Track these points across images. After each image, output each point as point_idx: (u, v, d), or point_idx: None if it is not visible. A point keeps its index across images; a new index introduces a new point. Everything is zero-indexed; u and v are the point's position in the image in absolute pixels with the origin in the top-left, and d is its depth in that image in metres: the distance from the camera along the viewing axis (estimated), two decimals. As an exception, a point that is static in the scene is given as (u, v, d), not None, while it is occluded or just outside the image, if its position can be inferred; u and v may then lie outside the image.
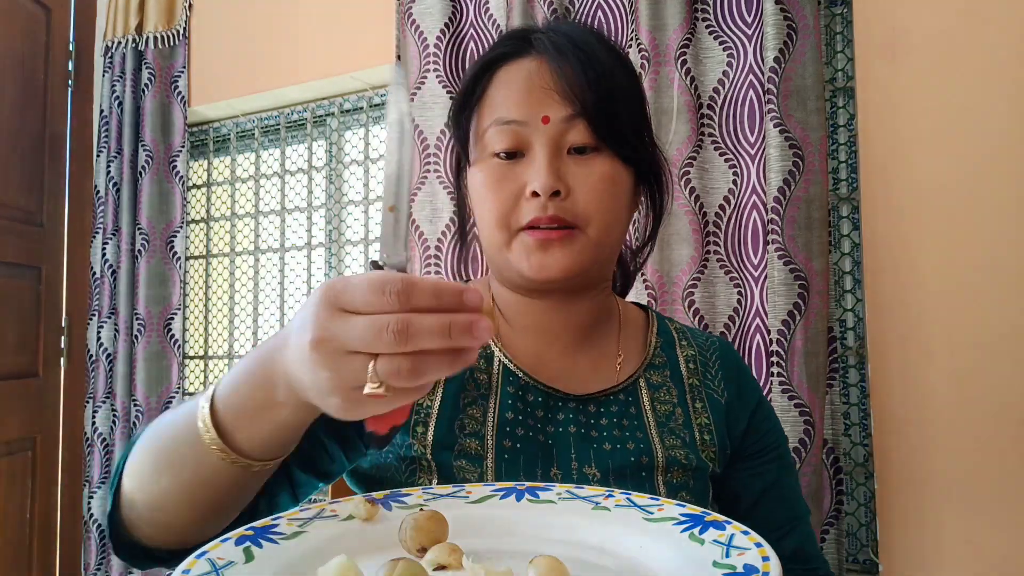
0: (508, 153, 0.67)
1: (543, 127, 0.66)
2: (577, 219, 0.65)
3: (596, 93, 0.65)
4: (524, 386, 0.70)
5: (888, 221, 1.38)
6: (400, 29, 1.80)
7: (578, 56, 0.66)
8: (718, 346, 0.80)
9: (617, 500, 0.51)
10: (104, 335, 2.23)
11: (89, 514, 2.23)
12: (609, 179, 0.67)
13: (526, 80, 0.67)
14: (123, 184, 2.23)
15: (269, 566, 0.43)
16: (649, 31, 1.50)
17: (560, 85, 0.66)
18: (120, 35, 2.27)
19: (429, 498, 0.53)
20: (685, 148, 1.47)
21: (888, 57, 1.39)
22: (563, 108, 0.65)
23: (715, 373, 0.77)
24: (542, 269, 0.65)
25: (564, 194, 0.65)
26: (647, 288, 1.48)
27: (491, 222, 0.67)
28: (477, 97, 0.71)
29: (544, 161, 0.65)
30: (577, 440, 0.69)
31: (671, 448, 0.69)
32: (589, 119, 0.65)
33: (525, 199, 0.66)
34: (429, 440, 0.67)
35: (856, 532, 1.50)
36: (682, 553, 0.43)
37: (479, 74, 0.71)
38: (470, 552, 0.43)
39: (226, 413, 0.50)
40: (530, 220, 0.65)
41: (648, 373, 0.74)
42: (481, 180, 0.68)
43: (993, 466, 1.27)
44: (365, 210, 2.08)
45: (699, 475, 0.70)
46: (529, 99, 0.66)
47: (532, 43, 0.69)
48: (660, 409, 0.72)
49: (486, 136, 0.68)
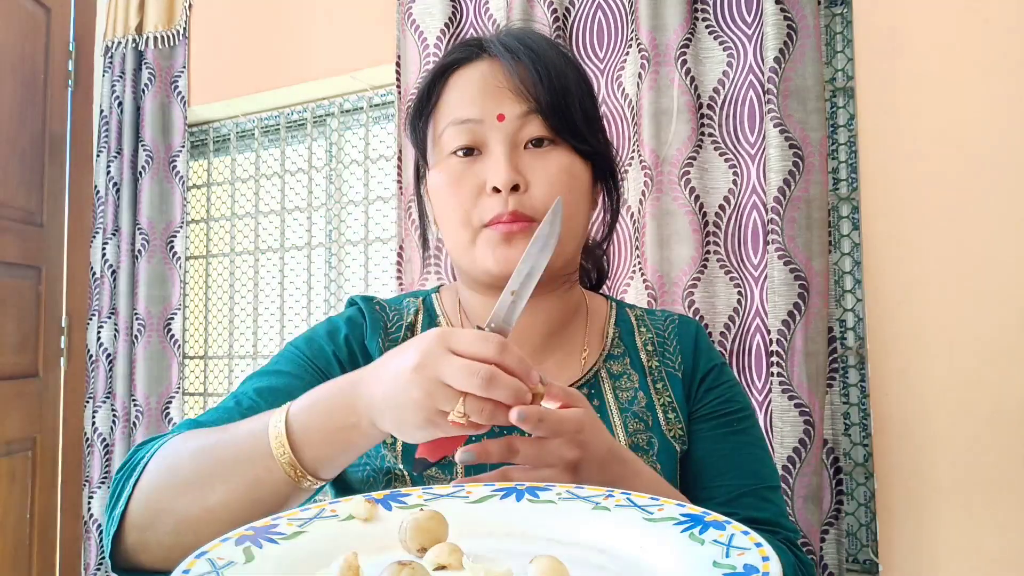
0: (466, 150, 0.69)
1: (499, 124, 0.67)
2: (537, 212, 0.67)
3: (549, 89, 0.67)
4: None
5: (888, 221, 1.38)
6: (400, 29, 1.80)
7: (530, 56, 0.68)
8: (676, 323, 0.81)
9: (617, 500, 0.51)
10: (104, 335, 2.23)
11: (89, 514, 2.23)
12: (566, 170, 0.68)
13: (480, 80, 0.69)
14: (123, 184, 2.23)
15: (269, 566, 0.43)
16: (649, 31, 1.49)
17: (513, 83, 0.67)
18: (120, 35, 2.27)
19: (429, 498, 0.53)
20: (685, 148, 1.47)
21: (888, 57, 1.39)
22: (517, 105, 0.67)
23: (673, 349, 0.78)
24: (507, 263, 0.66)
25: (523, 188, 0.67)
26: (647, 288, 1.48)
27: (454, 221, 0.69)
28: (433, 103, 0.72)
29: (502, 156, 0.66)
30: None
31: (634, 433, 0.71)
32: (543, 114, 0.67)
33: (486, 195, 0.67)
34: (399, 450, 0.69)
35: (856, 532, 1.50)
36: (682, 553, 0.43)
37: (434, 80, 0.72)
38: (470, 552, 0.43)
39: (299, 432, 0.54)
40: (492, 217, 0.67)
41: (608, 363, 0.76)
42: (441, 180, 0.70)
43: (993, 466, 1.27)
44: (365, 210, 2.08)
45: (664, 457, 0.71)
46: (484, 98, 0.68)
47: (484, 48, 0.71)
48: (622, 396, 0.74)
49: (443, 137, 0.70)
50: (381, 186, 2.08)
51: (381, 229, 2.08)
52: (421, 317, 0.78)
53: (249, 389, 0.69)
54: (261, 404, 0.67)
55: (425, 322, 0.78)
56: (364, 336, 0.75)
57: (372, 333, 0.75)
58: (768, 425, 1.36)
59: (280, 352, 0.75)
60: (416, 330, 0.77)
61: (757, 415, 0.81)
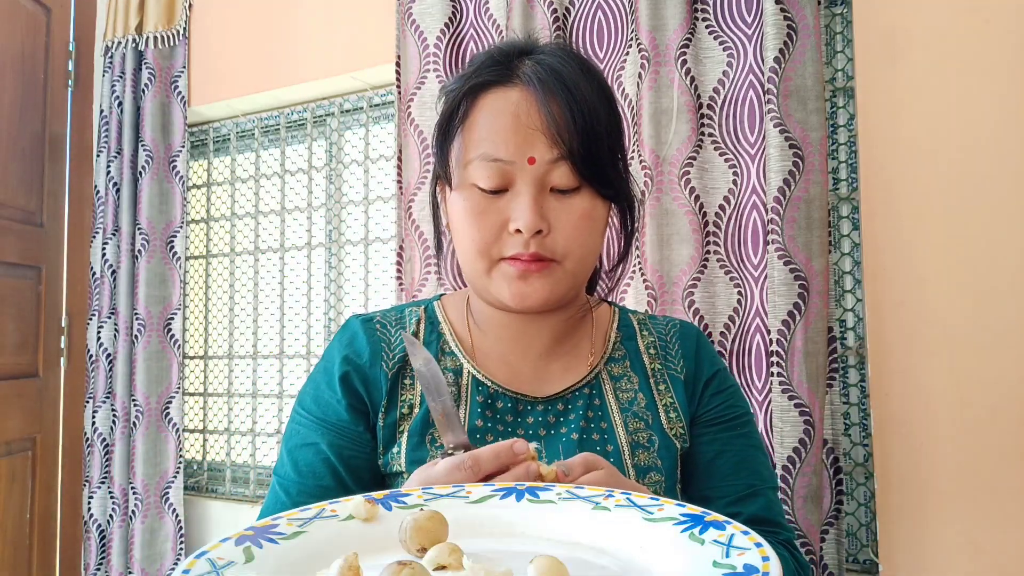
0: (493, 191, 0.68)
1: (529, 167, 0.67)
2: (556, 255, 0.68)
3: (581, 134, 0.67)
4: (493, 394, 0.74)
5: (888, 221, 1.38)
6: (400, 29, 1.80)
7: (563, 93, 0.67)
8: (678, 327, 0.83)
9: (617, 500, 0.51)
10: (104, 335, 2.23)
11: (89, 514, 2.23)
12: (588, 216, 0.69)
13: (512, 116, 0.68)
14: (123, 184, 2.23)
15: (269, 566, 0.43)
16: (649, 31, 1.49)
17: (545, 124, 0.67)
18: (120, 35, 2.27)
19: (429, 498, 0.53)
20: (685, 148, 1.47)
21: (888, 57, 1.39)
22: (549, 151, 0.67)
23: (675, 352, 0.80)
24: (522, 299, 0.69)
25: (545, 231, 0.67)
26: (647, 288, 1.48)
27: (472, 251, 0.70)
28: (460, 120, 0.71)
29: (529, 200, 0.67)
30: (548, 441, 0.72)
31: (634, 432, 0.73)
32: (573, 161, 0.67)
33: (508, 233, 0.68)
34: (402, 459, 0.71)
35: (856, 532, 1.50)
36: (682, 553, 0.43)
37: (463, 99, 0.71)
38: (470, 552, 0.43)
39: None
40: (511, 255, 0.68)
41: (609, 366, 0.78)
42: (463, 209, 0.70)
43: (993, 466, 1.27)
44: (365, 210, 2.08)
45: (665, 454, 0.73)
46: (516, 138, 0.67)
47: (516, 71, 0.70)
48: (622, 397, 0.76)
49: (470, 167, 0.69)
50: (381, 186, 2.08)
51: (381, 229, 2.08)
52: (423, 327, 0.79)
53: (289, 472, 0.72)
54: (308, 479, 0.72)
55: (427, 330, 0.78)
56: (365, 366, 0.75)
57: (372, 359, 0.75)
58: (768, 425, 1.36)
59: (293, 418, 0.76)
60: (419, 338, 0.78)
61: (756, 418, 0.82)
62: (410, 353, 0.67)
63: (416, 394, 0.74)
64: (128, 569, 2.20)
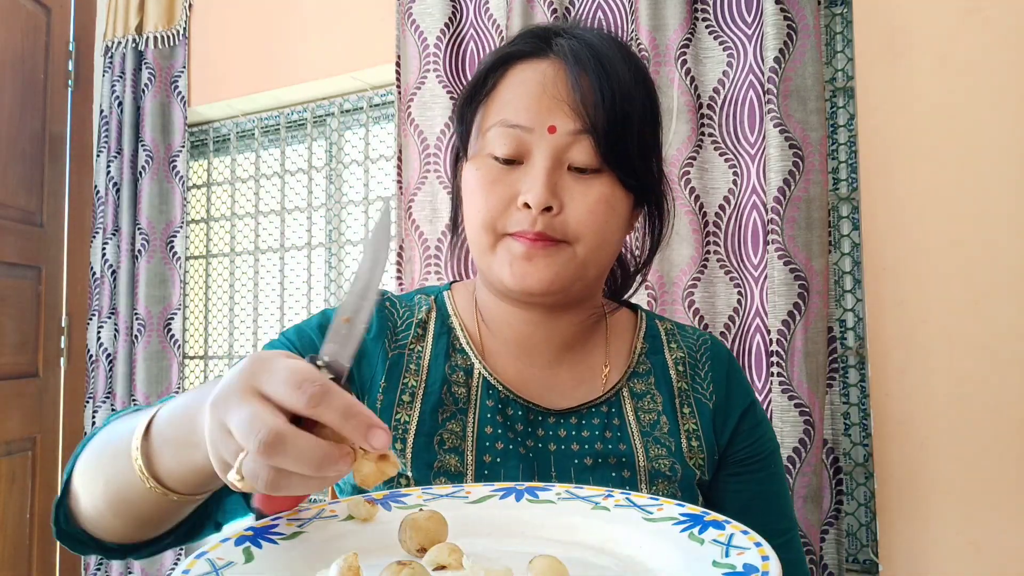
0: (506, 160, 0.65)
1: (548, 136, 0.63)
2: (566, 236, 0.63)
3: (608, 112, 0.62)
4: (504, 400, 0.69)
5: (888, 221, 1.38)
6: (400, 29, 1.80)
7: (597, 69, 0.63)
8: (710, 345, 0.77)
9: (617, 500, 0.51)
10: (104, 335, 2.23)
11: (89, 514, 2.23)
12: (606, 202, 0.64)
13: (539, 84, 0.64)
14: (123, 184, 2.23)
15: (269, 566, 0.43)
16: (649, 31, 1.49)
17: (572, 97, 0.63)
18: (120, 35, 2.27)
19: (429, 498, 0.53)
20: (685, 148, 1.47)
21: (888, 57, 1.39)
22: (571, 121, 0.63)
23: (704, 375, 0.74)
24: (523, 279, 0.63)
25: (557, 210, 0.63)
26: (647, 288, 1.48)
27: (478, 224, 0.66)
28: (487, 91, 0.68)
29: (542, 174, 0.62)
30: (558, 457, 0.67)
31: (655, 459, 0.68)
32: (596, 138, 0.62)
33: (516, 207, 0.64)
34: (408, 457, 0.66)
35: (856, 532, 1.50)
36: (682, 553, 0.43)
37: (493, 68, 0.68)
38: (470, 552, 0.43)
39: (155, 441, 0.50)
40: (516, 231, 0.63)
41: (632, 382, 0.72)
42: (475, 178, 0.66)
43: (993, 466, 1.27)
44: (365, 210, 2.08)
45: (685, 484, 0.68)
46: (539, 105, 0.63)
47: (552, 45, 0.66)
48: (644, 419, 0.70)
49: (488, 134, 0.66)
50: (381, 186, 2.08)
51: (381, 229, 2.08)
52: (434, 316, 0.74)
53: None
54: None
55: (438, 321, 0.74)
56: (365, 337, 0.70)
57: (377, 334, 0.71)
58: (768, 425, 1.36)
59: (270, 342, 0.71)
60: (428, 328, 0.73)
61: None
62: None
63: (420, 384, 0.69)
64: (128, 569, 2.20)
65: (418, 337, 0.72)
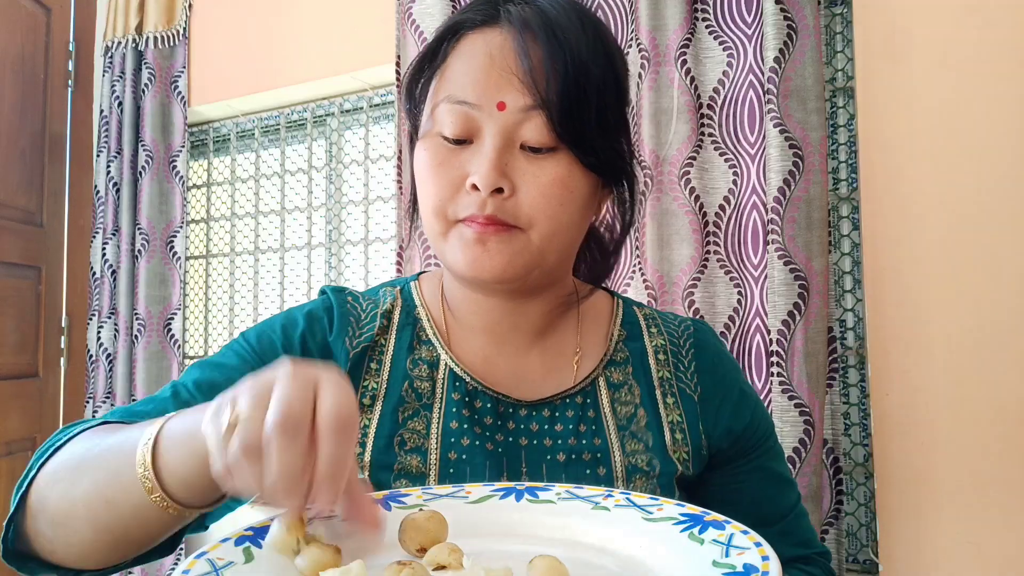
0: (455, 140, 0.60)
1: (497, 113, 0.58)
2: (519, 221, 0.59)
3: (562, 84, 0.57)
4: (472, 392, 0.65)
5: (888, 221, 1.38)
6: (400, 29, 1.80)
7: (549, 38, 0.58)
8: (693, 332, 0.72)
9: (617, 500, 0.51)
10: (104, 335, 2.23)
11: (89, 514, 2.23)
12: (561, 183, 0.59)
13: (487, 56, 0.59)
14: (123, 184, 2.23)
15: (269, 566, 0.43)
16: (649, 31, 1.49)
17: (522, 70, 0.58)
18: (120, 35, 2.27)
19: (429, 498, 0.53)
20: (685, 148, 1.47)
21: (888, 57, 1.39)
22: (522, 96, 0.58)
23: (688, 364, 0.70)
24: (476, 266, 0.59)
25: (508, 192, 0.58)
26: (647, 288, 1.48)
27: (429, 209, 0.61)
28: (437, 65, 0.63)
29: (491, 154, 0.58)
30: (529, 452, 0.64)
31: (631, 454, 0.64)
32: (549, 113, 0.58)
33: (465, 191, 0.59)
34: (367, 461, 0.63)
35: (856, 532, 1.50)
36: (682, 553, 0.43)
37: (441, 39, 0.63)
38: (470, 552, 0.43)
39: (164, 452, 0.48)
40: (466, 216, 0.59)
41: (608, 371, 0.68)
42: (423, 160, 0.62)
43: (993, 466, 1.27)
44: (365, 210, 2.08)
45: (664, 480, 0.65)
46: (487, 80, 0.59)
47: (501, 13, 0.61)
48: (621, 411, 0.66)
49: (436, 112, 0.61)
50: (381, 186, 2.08)
51: (381, 229, 2.08)
52: (399, 306, 0.70)
53: (189, 380, 0.63)
54: (198, 398, 0.60)
55: (403, 312, 0.70)
56: (327, 333, 0.67)
57: (339, 331, 0.67)
58: (768, 425, 1.36)
59: (230, 343, 0.68)
60: (393, 319, 0.69)
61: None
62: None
63: (382, 385, 0.65)
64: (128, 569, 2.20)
65: (383, 329, 0.68)
